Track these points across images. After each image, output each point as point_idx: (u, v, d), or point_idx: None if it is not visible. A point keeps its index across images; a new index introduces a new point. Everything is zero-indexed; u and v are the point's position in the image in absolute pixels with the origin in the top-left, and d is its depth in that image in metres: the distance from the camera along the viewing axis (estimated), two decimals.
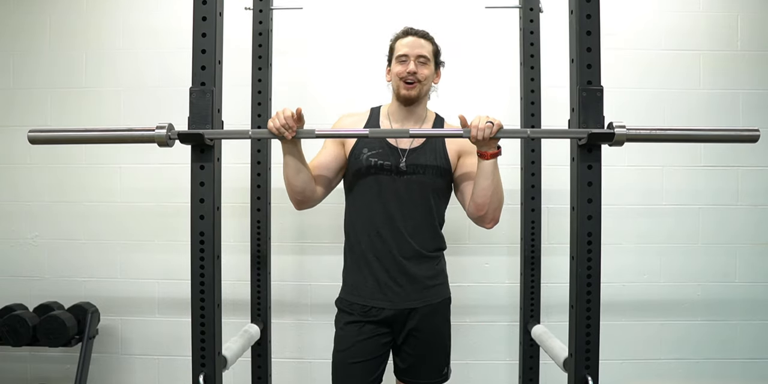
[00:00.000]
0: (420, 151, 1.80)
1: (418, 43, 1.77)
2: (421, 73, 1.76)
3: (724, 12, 2.58)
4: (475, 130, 1.56)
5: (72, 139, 1.56)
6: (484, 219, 1.75)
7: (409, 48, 1.76)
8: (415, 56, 1.76)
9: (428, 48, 1.79)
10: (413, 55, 1.76)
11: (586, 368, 1.46)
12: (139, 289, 2.60)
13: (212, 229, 1.48)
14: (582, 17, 1.46)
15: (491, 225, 1.77)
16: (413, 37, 1.78)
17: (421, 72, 1.76)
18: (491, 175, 1.67)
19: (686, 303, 2.58)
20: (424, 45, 1.78)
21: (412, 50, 1.76)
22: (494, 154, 1.65)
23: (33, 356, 2.63)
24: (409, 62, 1.76)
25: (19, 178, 2.64)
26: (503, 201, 1.74)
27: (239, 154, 2.33)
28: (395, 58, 1.79)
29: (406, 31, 1.81)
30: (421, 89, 1.78)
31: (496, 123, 1.56)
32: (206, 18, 1.47)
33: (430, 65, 1.79)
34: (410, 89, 1.77)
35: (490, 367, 2.58)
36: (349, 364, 1.77)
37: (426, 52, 1.78)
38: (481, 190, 1.69)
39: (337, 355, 1.82)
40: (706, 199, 2.58)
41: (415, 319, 1.79)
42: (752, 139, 1.51)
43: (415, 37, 1.78)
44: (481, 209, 1.72)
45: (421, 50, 1.77)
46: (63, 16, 2.62)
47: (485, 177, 1.67)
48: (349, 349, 1.78)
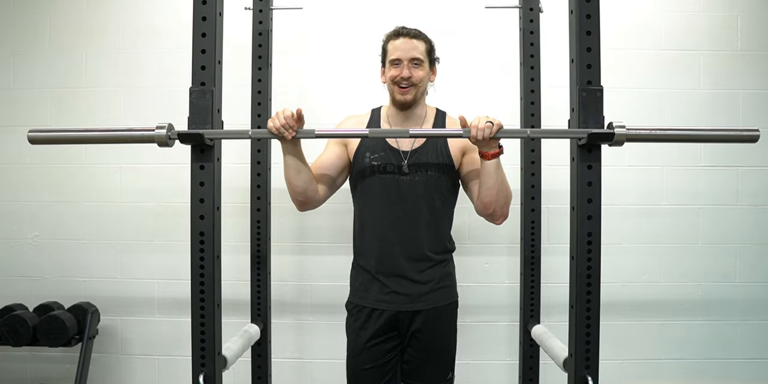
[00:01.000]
0: (422, 151, 1.80)
1: (410, 44, 1.74)
2: (415, 76, 1.75)
3: (724, 12, 2.58)
4: (474, 130, 1.55)
5: (72, 139, 1.56)
6: (493, 216, 1.76)
7: (401, 51, 1.74)
8: (408, 59, 1.74)
9: (421, 48, 1.76)
10: (406, 58, 1.74)
11: (586, 368, 1.46)
12: (139, 289, 2.60)
13: (212, 229, 1.48)
14: (582, 17, 1.46)
15: (501, 221, 1.78)
16: (405, 38, 1.75)
17: (416, 75, 1.75)
18: (494, 175, 1.67)
19: (686, 303, 2.58)
20: (417, 45, 1.75)
21: (405, 53, 1.74)
22: (496, 154, 1.65)
23: (33, 356, 2.63)
24: (403, 66, 1.74)
25: (19, 178, 2.63)
26: (511, 196, 1.75)
27: (239, 154, 2.33)
28: (389, 61, 1.77)
29: (398, 31, 1.77)
30: (417, 92, 1.78)
31: (495, 123, 1.56)
32: (206, 18, 1.47)
33: (424, 65, 1.77)
34: (405, 93, 1.76)
35: (490, 367, 2.58)
36: (361, 371, 1.80)
37: (419, 53, 1.75)
38: (486, 190, 1.69)
39: (348, 362, 1.85)
40: (706, 199, 2.58)
41: (419, 321, 1.80)
42: (752, 139, 1.51)
43: (407, 39, 1.75)
44: (488, 207, 1.73)
45: (413, 52, 1.74)
46: (63, 16, 2.62)
47: (489, 176, 1.67)
48: (359, 356, 1.81)
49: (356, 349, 1.82)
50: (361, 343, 1.81)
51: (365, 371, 1.80)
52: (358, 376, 1.82)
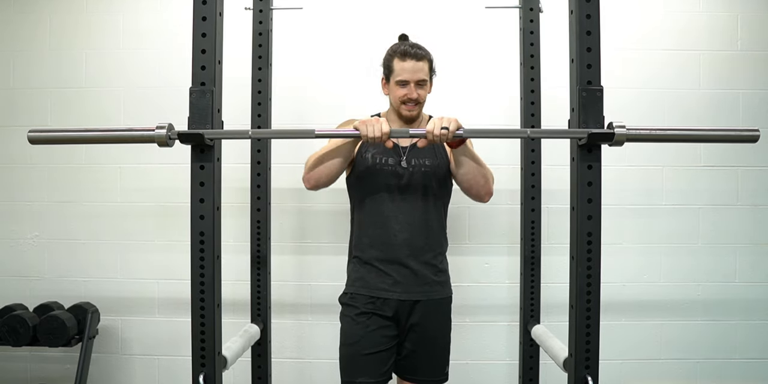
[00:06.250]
0: (419, 147, 1.85)
1: (417, 67, 1.82)
2: (421, 96, 1.85)
3: (724, 12, 2.58)
4: (431, 136, 1.59)
5: (72, 139, 1.56)
6: (478, 196, 1.85)
7: (409, 74, 1.82)
8: (415, 81, 1.83)
9: (426, 69, 1.84)
10: (413, 80, 1.82)
11: (586, 368, 1.46)
12: (139, 289, 2.60)
13: (212, 229, 1.48)
14: (582, 17, 1.46)
15: (488, 198, 1.86)
16: (412, 61, 1.81)
17: (422, 95, 1.86)
18: (466, 159, 1.78)
19: (686, 303, 2.58)
20: (423, 67, 1.83)
21: (413, 76, 1.82)
22: (461, 141, 1.74)
23: (33, 356, 2.63)
24: (410, 88, 1.83)
25: (19, 178, 2.63)
26: (490, 175, 1.85)
27: (239, 154, 2.33)
28: (395, 81, 1.84)
29: (405, 52, 1.82)
30: (421, 108, 1.89)
31: (451, 128, 1.59)
32: (206, 18, 1.47)
33: (427, 84, 1.87)
34: (412, 109, 1.86)
35: (490, 367, 2.58)
36: (362, 356, 1.79)
37: (424, 74, 1.84)
38: (463, 175, 1.81)
39: (346, 349, 1.84)
40: (706, 199, 2.58)
41: (417, 314, 1.83)
42: (752, 139, 1.51)
43: (415, 61, 1.82)
44: (470, 190, 1.84)
45: (420, 74, 1.83)
46: (63, 16, 2.62)
47: (460, 164, 1.79)
48: (358, 343, 1.81)
49: (355, 336, 1.82)
50: (362, 329, 1.81)
51: (366, 357, 1.79)
52: (356, 362, 1.81)
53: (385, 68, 1.88)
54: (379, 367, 1.80)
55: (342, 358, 1.85)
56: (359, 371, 1.80)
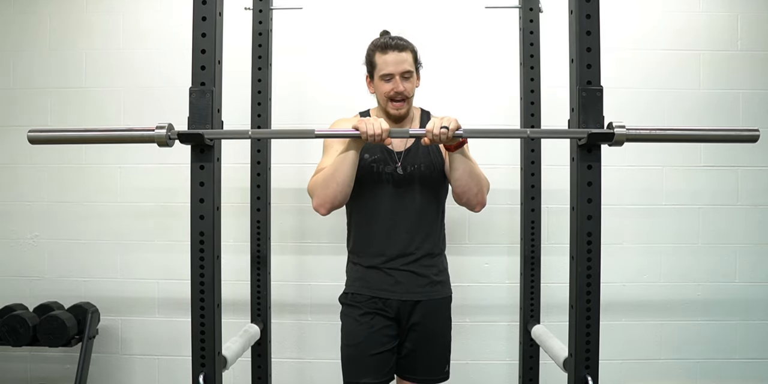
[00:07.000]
0: (414, 151, 1.83)
1: (400, 58, 1.75)
2: (408, 89, 1.78)
3: (724, 12, 2.58)
4: (430, 135, 1.56)
5: (72, 139, 1.56)
6: (469, 204, 1.79)
7: (393, 66, 1.75)
8: (399, 73, 1.75)
9: (410, 60, 1.77)
10: (398, 72, 1.75)
11: (586, 368, 1.46)
12: (139, 289, 2.60)
13: (212, 229, 1.48)
14: (582, 17, 1.46)
15: (479, 208, 1.80)
16: (395, 52, 1.75)
17: (408, 88, 1.78)
18: (461, 165, 1.71)
19: (686, 303, 2.58)
20: (406, 58, 1.76)
21: (397, 68, 1.75)
22: (459, 145, 1.68)
23: (33, 356, 2.63)
24: (395, 81, 1.76)
25: (20, 178, 2.64)
26: (485, 184, 1.77)
27: (239, 154, 2.33)
28: (379, 76, 1.78)
29: (385, 44, 1.76)
30: (410, 104, 1.82)
31: (451, 127, 1.55)
32: (206, 18, 1.47)
33: (413, 76, 1.80)
34: (400, 108, 1.80)
35: (490, 367, 2.58)
36: (366, 357, 1.78)
37: (408, 65, 1.77)
38: (456, 181, 1.73)
39: (349, 350, 1.83)
40: (706, 199, 2.58)
41: (418, 314, 1.82)
42: (752, 139, 1.51)
43: (397, 53, 1.75)
44: (461, 197, 1.77)
45: (404, 65, 1.75)
46: (63, 16, 2.62)
47: (455, 167, 1.72)
48: (362, 343, 1.79)
49: (359, 337, 1.80)
50: (366, 330, 1.80)
51: (372, 357, 1.78)
52: (360, 363, 1.79)
53: (368, 65, 1.82)
54: (382, 367, 1.79)
55: (345, 359, 1.83)
56: (363, 372, 1.79)
